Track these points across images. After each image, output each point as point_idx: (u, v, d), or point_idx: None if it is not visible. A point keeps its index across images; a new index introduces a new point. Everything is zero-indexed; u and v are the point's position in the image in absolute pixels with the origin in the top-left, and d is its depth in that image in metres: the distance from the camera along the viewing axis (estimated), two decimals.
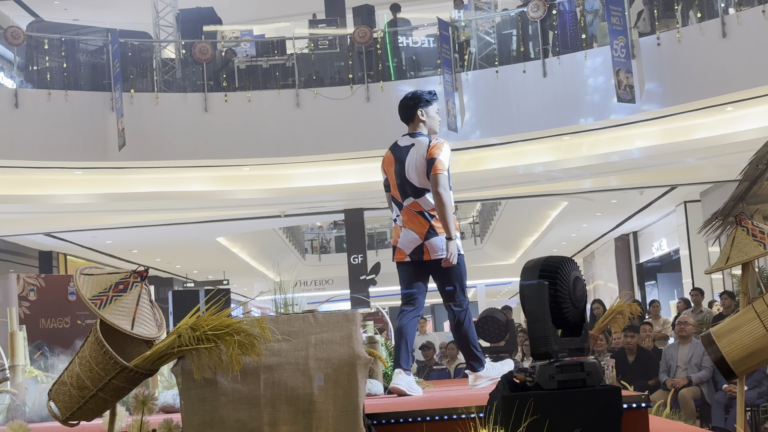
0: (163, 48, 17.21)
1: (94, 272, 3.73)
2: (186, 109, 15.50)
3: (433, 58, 16.42)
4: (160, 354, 3.56)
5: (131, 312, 3.65)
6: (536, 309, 3.99)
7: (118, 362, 3.51)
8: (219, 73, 16.25)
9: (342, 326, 3.86)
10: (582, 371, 3.90)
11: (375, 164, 16.93)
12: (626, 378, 10.28)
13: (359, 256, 18.54)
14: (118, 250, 22.42)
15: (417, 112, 6.13)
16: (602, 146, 15.65)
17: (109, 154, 14.83)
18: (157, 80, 15.95)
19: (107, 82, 15.16)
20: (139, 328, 3.65)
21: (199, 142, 15.41)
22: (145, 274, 3.78)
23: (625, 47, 13.66)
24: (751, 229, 4.23)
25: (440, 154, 5.85)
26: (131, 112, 14.83)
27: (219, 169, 16.65)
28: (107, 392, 3.57)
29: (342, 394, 3.70)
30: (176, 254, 24.19)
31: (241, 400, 3.65)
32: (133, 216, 18.67)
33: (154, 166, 15.94)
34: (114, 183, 16.39)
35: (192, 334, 3.51)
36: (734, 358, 4.03)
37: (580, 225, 24.41)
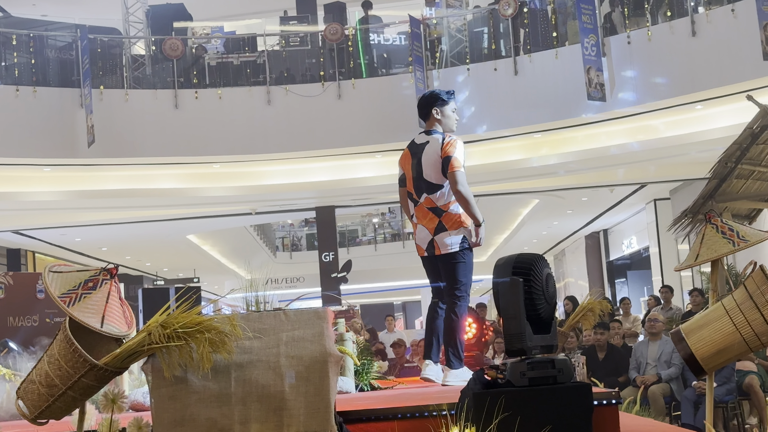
0: (132, 44, 17.10)
1: (63, 270, 3.70)
2: (156, 105, 15.42)
3: (405, 55, 16.42)
4: (130, 352, 3.54)
5: (100, 310, 3.63)
6: (511, 306, 4.00)
7: (87, 360, 3.49)
8: (189, 70, 16.17)
9: (313, 324, 3.86)
10: (553, 368, 3.92)
11: (346, 161, 17.06)
12: (596, 375, 10.33)
13: (330, 254, 18.52)
14: (87, 248, 22.27)
15: (432, 111, 6.26)
16: (573, 144, 15.73)
17: (78, 151, 14.72)
18: (127, 77, 15.85)
19: (76, 79, 15.05)
20: (109, 326, 3.62)
21: (169, 139, 15.33)
22: (115, 272, 3.75)
23: (596, 45, 13.73)
24: (720, 227, 4.26)
25: (455, 151, 6.00)
26: (100, 109, 14.73)
27: (189, 166, 16.57)
28: (76, 390, 3.55)
29: (313, 391, 3.70)
30: (146, 252, 24.07)
31: (212, 397, 3.64)
32: (102, 213, 18.55)
33: (124, 163, 15.85)
34: (83, 180, 16.27)
35: (162, 331, 3.50)
36: (703, 355, 4.05)
37: (551, 223, 24.51)
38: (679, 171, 17.46)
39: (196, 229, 22.44)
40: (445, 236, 6.04)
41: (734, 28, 12.79)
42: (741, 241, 4.19)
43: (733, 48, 12.80)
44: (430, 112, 6.27)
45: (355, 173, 17.14)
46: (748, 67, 12.55)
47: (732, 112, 13.62)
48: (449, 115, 6.28)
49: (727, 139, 11.39)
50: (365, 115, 15.54)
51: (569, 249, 29.65)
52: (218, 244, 26.00)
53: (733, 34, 12.83)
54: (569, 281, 29.64)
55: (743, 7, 12.57)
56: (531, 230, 25.47)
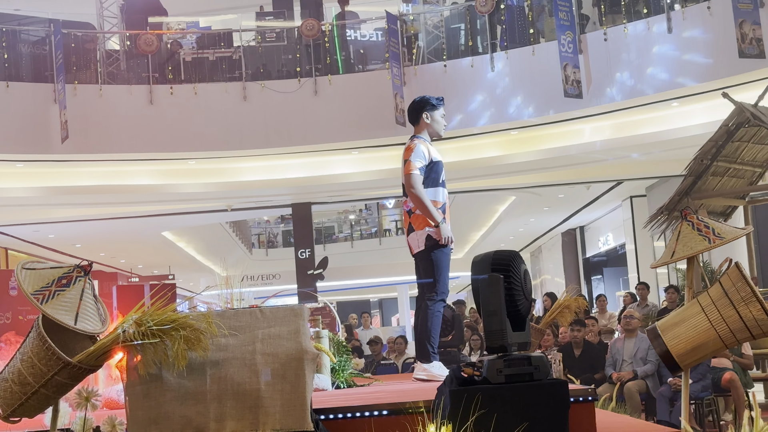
0: (107, 39, 16.99)
1: (36, 266, 3.68)
2: (131, 101, 15.34)
3: (382, 51, 16.41)
4: (104, 349, 3.53)
5: (74, 307, 3.61)
6: (491, 302, 4.01)
7: (60, 358, 3.47)
8: (164, 66, 16.09)
9: (289, 321, 3.85)
10: (530, 365, 3.93)
11: (323, 158, 17.02)
12: (573, 372, 10.38)
13: (306, 251, 18.49)
14: (61, 245, 22.12)
15: (423, 116, 6.48)
16: (549, 141, 15.77)
17: (51, 147, 14.62)
18: (101, 72, 15.75)
19: (50, 74, 14.94)
20: (83, 323, 3.61)
21: (144, 135, 15.26)
22: (89, 269, 3.74)
23: (573, 42, 13.78)
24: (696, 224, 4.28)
25: (411, 155, 6.24)
26: (74, 104, 14.64)
27: (164, 162, 16.50)
28: (50, 388, 3.53)
29: (289, 389, 3.70)
30: (120, 249, 23.93)
31: (187, 395, 3.63)
32: (76, 210, 18.43)
33: (98, 159, 15.76)
34: (57, 176, 16.17)
35: (137, 329, 3.49)
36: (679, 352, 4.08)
37: (527, 220, 24.57)
38: (656, 168, 17.54)
39: (171, 225, 22.34)
40: (413, 236, 6.28)
41: (710, 26, 12.87)
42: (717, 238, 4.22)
43: (709, 45, 12.88)
44: (420, 116, 6.48)
45: (332, 170, 17.12)
46: (724, 65, 12.63)
47: (708, 110, 13.70)
48: (438, 120, 6.50)
49: (703, 136, 11.46)
50: (342, 111, 15.53)
51: (546, 246, 29.74)
52: (193, 241, 25.90)
53: (709, 31, 12.90)
54: (545, 278, 29.74)
55: (719, 5, 12.64)
56: (508, 227, 25.53)
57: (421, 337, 6.26)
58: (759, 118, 9.93)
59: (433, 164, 6.28)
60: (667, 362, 4.15)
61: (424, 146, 6.28)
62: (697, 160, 10.59)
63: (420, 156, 6.21)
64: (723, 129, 10.39)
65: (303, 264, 18.34)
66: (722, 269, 4.17)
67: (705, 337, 4.04)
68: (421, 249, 6.23)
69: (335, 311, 7.55)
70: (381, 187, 17.56)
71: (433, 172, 6.27)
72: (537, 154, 16.07)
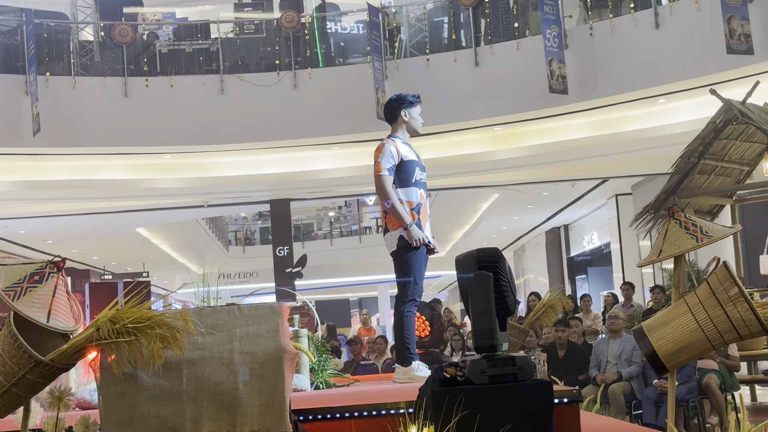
0: (80, 30, 16.91)
1: (7, 262, 3.66)
2: (105, 93, 15.27)
3: (363, 44, 16.41)
4: (77, 348, 3.51)
5: (47, 304, 3.59)
6: (481, 301, 4.01)
7: (32, 356, 3.45)
8: (140, 57, 16.03)
9: (268, 319, 3.85)
10: (513, 366, 3.94)
11: (302, 153, 17.00)
12: (556, 373, 10.40)
13: (285, 248, 18.49)
14: (32, 240, 22.01)
15: (401, 113, 6.52)
16: (534, 137, 15.80)
17: (22, 140, 14.55)
18: (75, 63, 15.67)
19: (21, 65, 14.86)
20: (55, 321, 3.59)
21: (118, 128, 15.19)
22: (62, 265, 3.72)
23: (558, 37, 13.81)
24: (683, 222, 4.30)
25: (379, 156, 6.29)
26: (47, 97, 14.57)
27: (139, 156, 16.44)
28: (21, 388, 3.51)
29: (268, 389, 3.69)
30: (93, 245, 23.83)
31: (163, 395, 3.62)
32: (48, 205, 18.35)
33: (71, 153, 15.68)
34: (28, 170, 16.09)
35: (111, 326, 3.47)
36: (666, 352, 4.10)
37: (510, 218, 24.62)
38: (641, 166, 17.61)
39: (146, 221, 22.27)
40: (387, 236, 6.35)
41: (698, 21, 12.93)
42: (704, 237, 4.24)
43: (697, 41, 12.94)
44: (398, 114, 6.52)
45: (311, 165, 17.11)
46: (712, 61, 12.68)
47: (695, 107, 13.76)
48: (416, 117, 6.55)
49: (690, 133, 11.51)
50: (322, 105, 15.51)
51: (529, 245, 29.81)
52: (169, 238, 25.84)
53: (696, 27, 12.96)
54: (529, 277, 29.82)
55: (707, 0, 12.70)
56: (491, 225, 25.57)
57: (398, 340, 6.30)
58: (747, 116, 9.98)
59: (404, 164, 6.31)
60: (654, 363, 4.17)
61: (393, 146, 6.32)
62: (684, 157, 10.64)
63: (388, 156, 6.26)
64: (710, 126, 10.44)
65: (281, 262, 18.33)
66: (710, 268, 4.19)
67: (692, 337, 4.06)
68: (393, 249, 6.29)
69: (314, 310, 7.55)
70: (361, 183, 17.55)
71: (403, 172, 6.30)
72: (521, 150, 16.10)
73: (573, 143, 15.65)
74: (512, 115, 14.85)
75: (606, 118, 15.03)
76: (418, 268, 6.27)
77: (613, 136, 15.27)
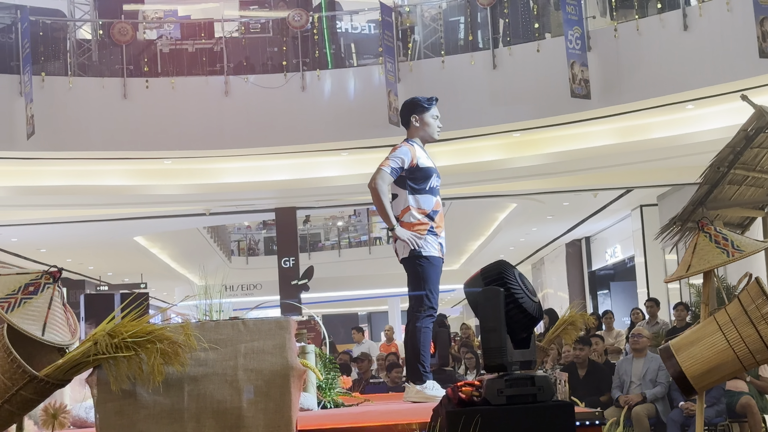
0: (78, 28, 16.97)
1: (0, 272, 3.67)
2: (103, 95, 15.31)
3: (375, 45, 16.43)
4: (73, 363, 3.52)
5: (42, 316, 3.60)
6: (490, 318, 4.01)
7: (26, 371, 3.46)
8: (140, 57, 16.08)
9: (274, 334, 3.85)
10: (533, 386, 3.93)
11: (309, 159, 17.02)
12: (576, 394, 10.35)
13: (291, 259, 18.48)
14: (24, 249, 22.08)
15: (411, 119, 6.48)
16: (554, 144, 15.79)
17: (16, 143, 14.58)
18: (72, 63, 15.72)
19: (15, 64, 14.90)
20: (51, 334, 3.60)
21: (116, 131, 15.23)
22: (58, 275, 3.73)
23: (581, 38, 13.80)
24: (713, 236, 4.30)
25: (392, 153, 6.27)
26: (42, 98, 14.61)
27: (138, 162, 16.48)
28: (14, 404, 3.52)
29: (273, 407, 3.69)
30: (89, 254, 23.88)
31: (163, 413, 3.62)
32: (41, 212, 18.40)
33: (67, 158, 15.73)
34: (21, 175, 16.13)
35: (110, 341, 3.49)
36: (694, 373, 4.09)
37: (529, 229, 24.60)
38: (668, 175, 17.58)
39: (145, 230, 22.32)
40: (399, 242, 6.27)
41: (729, 23, 12.91)
42: (736, 251, 4.23)
43: (728, 44, 12.91)
44: (410, 120, 6.48)
45: (319, 172, 17.12)
46: (743, 65, 12.66)
47: (725, 113, 13.73)
48: (429, 122, 6.47)
49: (720, 141, 11.46)
50: (331, 109, 15.53)
51: (548, 258, 29.77)
52: (168, 247, 25.88)
53: (727, 29, 12.93)
54: (548, 292, 29.77)
55: (738, 1, 12.68)
56: (508, 237, 25.54)
57: (410, 357, 6.26)
58: None
59: (421, 169, 6.28)
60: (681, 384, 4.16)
61: (410, 149, 6.29)
62: (713, 167, 10.60)
63: (400, 156, 6.23)
64: (741, 134, 10.40)
65: (286, 273, 18.33)
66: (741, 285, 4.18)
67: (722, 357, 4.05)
68: (405, 256, 6.24)
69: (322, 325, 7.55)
70: None
71: (420, 179, 6.28)
72: (540, 158, 16.09)
73: (596, 151, 15.63)
74: (532, 120, 14.84)
75: (631, 125, 15.01)
76: (434, 279, 6.23)
77: (638, 144, 15.24)
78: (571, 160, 16.04)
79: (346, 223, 32.71)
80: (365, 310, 43.13)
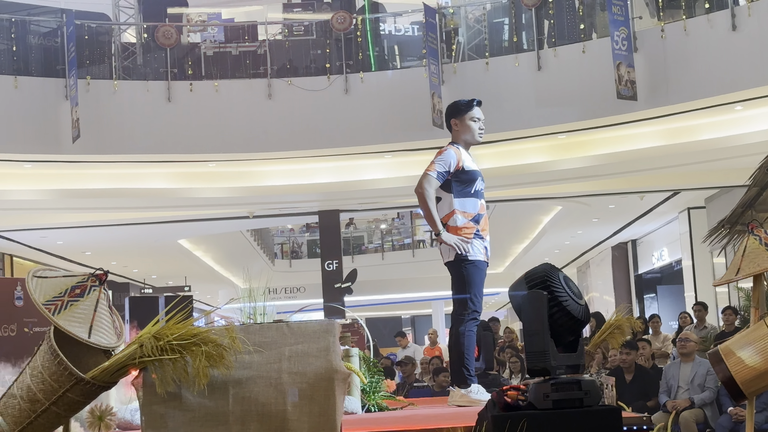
0: (123, 31, 17.12)
1: (47, 275, 3.71)
2: (147, 98, 15.42)
3: (418, 47, 16.42)
4: (119, 365, 3.55)
5: (88, 319, 3.64)
6: (533, 321, 4.00)
7: (73, 373, 3.49)
8: (184, 60, 16.18)
9: (319, 337, 3.86)
10: (579, 390, 3.91)
11: (353, 162, 17.05)
12: (623, 399, 10.29)
13: (334, 262, 18.51)
14: (69, 252, 22.29)
15: (451, 123, 6.54)
16: (600, 146, 15.69)
17: (61, 147, 14.72)
18: (116, 66, 15.86)
19: (61, 68, 15.04)
20: (97, 337, 3.63)
21: (160, 134, 15.33)
22: (104, 278, 3.77)
23: (627, 39, 13.71)
24: (763, 238, 4.26)
25: (437, 157, 6.31)
26: (87, 101, 14.73)
27: (182, 164, 16.57)
28: (61, 406, 3.55)
29: (318, 411, 3.70)
30: (133, 257, 24.07)
31: (208, 416, 3.64)
32: (86, 215, 18.55)
33: (111, 161, 15.85)
34: (67, 178, 16.28)
35: (155, 343, 3.50)
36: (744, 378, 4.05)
37: (574, 232, 24.48)
38: (716, 177, 17.42)
39: (188, 233, 22.45)
40: (444, 245, 6.29)
41: None
42: None
43: None
44: (450, 124, 6.54)
45: (363, 175, 17.13)
46: None
47: None
48: (470, 125, 6.48)
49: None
50: (374, 111, 15.54)
51: (594, 261, 29.61)
52: (212, 250, 26.01)
53: None
54: (593, 296, 29.60)
55: None
56: (552, 240, 25.44)
57: (455, 361, 6.28)
58: None
59: (465, 173, 6.31)
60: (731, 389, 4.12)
61: (455, 152, 6.32)
62: (763, 168, 10.52)
63: (446, 160, 6.27)
64: None
65: (330, 276, 18.36)
66: None
67: None
68: (450, 259, 6.27)
69: (366, 328, 7.55)
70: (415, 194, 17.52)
71: (464, 182, 6.31)
72: (586, 160, 16.00)
73: (642, 153, 15.52)
74: (577, 122, 14.76)
75: (678, 126, 14.89)
76: (479, 282, 6.24)
77: (686, 146, 15.11)
78: (618, 162, 15.94)
79: (389, 225, 32.71)
80: (408, 314, 43.09)
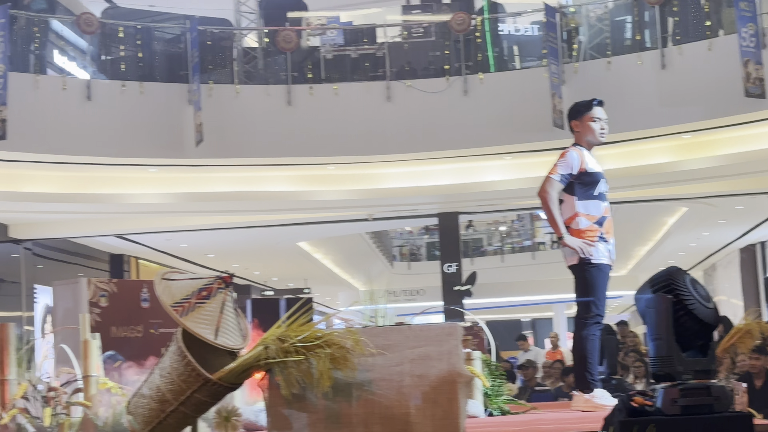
0: (244, 36, 17.41)
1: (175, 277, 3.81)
2: (268, 102, 15.63)
3: (538, 47, 16.32)
4: (245, 366, 3.61)
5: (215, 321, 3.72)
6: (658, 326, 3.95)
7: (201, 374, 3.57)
8: (304, 64, 16.36)
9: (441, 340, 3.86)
10: (709, 396, 3.85)
11: (472, 164, 17.04)
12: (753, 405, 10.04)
13: (453, 265, 18.49)
14: (193, 254, 22.74)
15: (572, 124, 6.51)
16: (727, 146, 15.38)
17: (185, 151, 15.02)
18: (238, 71, 16.12)
19: (185, 73, 15.34)
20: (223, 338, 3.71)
21: (281, 138, 15.52)
22: (230, 280, 3.84)
23: (755, 36, 13.39)
24: None
25: (560, 160, 6.26)
26: (209, 106, 15.00)
27: (302, 167, 16.77)
28: (188, 406, 3.63)
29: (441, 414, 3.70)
30: (255, 259, 24.44)
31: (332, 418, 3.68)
32: (209, 218, 18.90)
33: (233, 164, 16.11)
34: (190, 182, 16.60)
35: (280, 345, 3.56)
36: None
37: (700, 233, 24.05)
38: None
39: (308, 235, 22.69)
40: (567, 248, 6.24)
41: None
42: None
43: None
44: (572, 126, 6.51)
45: (482, 177, 17.09)
46: None
47: None
48: (589, 126, 6.41)
49: None
50: (493, 112, 15.48)
51: (721, 263, 29.04)
52: (331, 253, 26.24)
53: None
54: (721, 299, 29.00)
55: None
56: (677, 242, 25.04)
57: (578, 365, 6.25)
58: None
59: (589, 175, 6.25)
60: None
61: (578, 154, 6.26)
62: None
63: (568, 162, 6.22)
64: None
65: (449, 279, 18.35)
66: None
67: None
68: (573, 262, 6.22)
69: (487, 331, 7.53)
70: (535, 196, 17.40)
71: (588, 184, 6.25)
72: (712, 160, 15.69)
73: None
74: (703, 121, 14.49)
75: None
76: (602, 285, 6.18)
77: None
78: (746, 162, 15.59)
79: (509, 227, 32.57)
80: (529, 317, 42.81)
